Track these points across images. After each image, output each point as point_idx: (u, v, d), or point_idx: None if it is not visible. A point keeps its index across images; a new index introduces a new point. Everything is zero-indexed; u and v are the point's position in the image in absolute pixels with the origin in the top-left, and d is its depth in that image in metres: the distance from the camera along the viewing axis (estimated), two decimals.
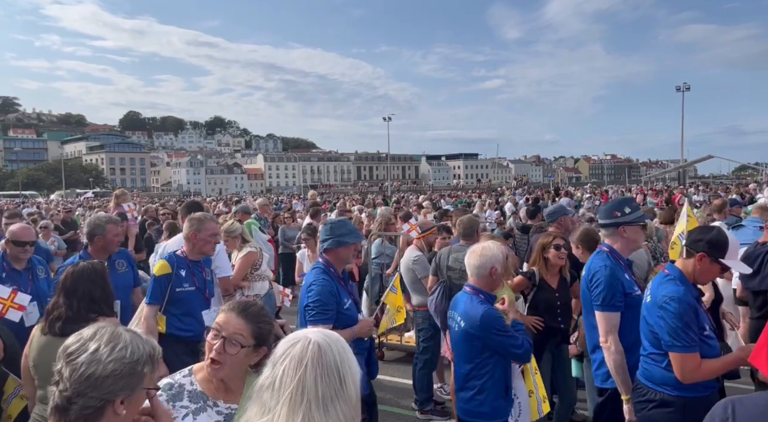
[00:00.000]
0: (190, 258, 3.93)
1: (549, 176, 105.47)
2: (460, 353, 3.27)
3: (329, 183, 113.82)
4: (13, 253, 4.17)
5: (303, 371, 1.26)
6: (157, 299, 3.75)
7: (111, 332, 1.44)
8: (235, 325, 1.93)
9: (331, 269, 3.48)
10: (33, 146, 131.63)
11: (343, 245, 3.48)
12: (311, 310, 3.31)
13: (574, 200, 20.67)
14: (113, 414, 1.38)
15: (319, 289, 3.34)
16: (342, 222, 3.70)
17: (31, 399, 2.74)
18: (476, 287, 3.22)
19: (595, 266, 3.23)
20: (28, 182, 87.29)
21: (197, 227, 3.91)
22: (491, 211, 15.98)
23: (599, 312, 3.14)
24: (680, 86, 54.03)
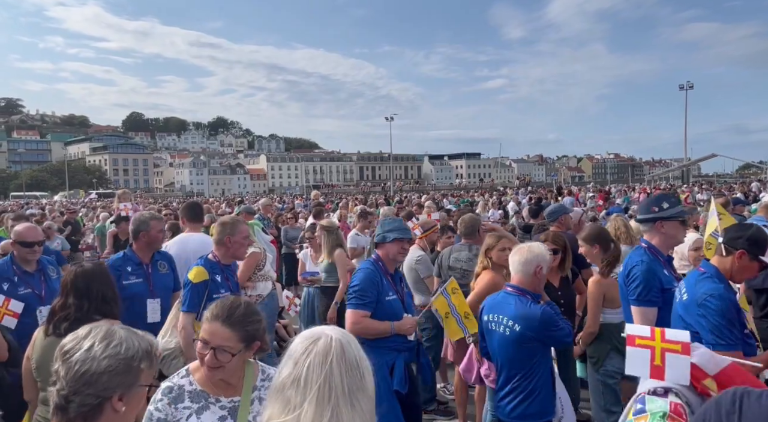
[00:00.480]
0: (222, 263, 3.86)
1: (552, 176, 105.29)
2: (508, 357, 3.20)
3: (332, 183, 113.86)
4: (21, 254, 4.05)
5: (329, 367, 1.26)
6: (195, 306, 3.64)
7: (106, 329, 1.44)
8: (222, 335, 1.93)
9: (379, 262, 3.56)
10: (36, 148, 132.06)
11: (387, 240, 3.56)
12: (351, 295, 3.43)
13: (577, 199, 20.61)
14: (112, 411, 1.38)
15: (361, 276, 3.46)
16: (391, 219, 3.76)
17: (32, 402, 2.73)
18: (520, 287, 3.18)
19: (632, 261, 3.20)
20: (31, 184, 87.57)
21: (231, 230, 3.85)
22: (494, 210, 15.97)
23: (635, 307, 3.11)
24: (683, 85, 53.88)
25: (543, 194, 23.08)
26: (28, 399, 2.76)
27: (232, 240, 3.84)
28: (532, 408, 3.13)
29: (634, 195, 25.35)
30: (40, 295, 3.95)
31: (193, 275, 3.69)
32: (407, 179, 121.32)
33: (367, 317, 3.38)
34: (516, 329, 3.09)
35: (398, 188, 67.92)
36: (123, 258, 4.10)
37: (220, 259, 3.85)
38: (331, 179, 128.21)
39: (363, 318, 3.38)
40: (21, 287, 3.90)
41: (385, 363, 3.38)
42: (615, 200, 22.03)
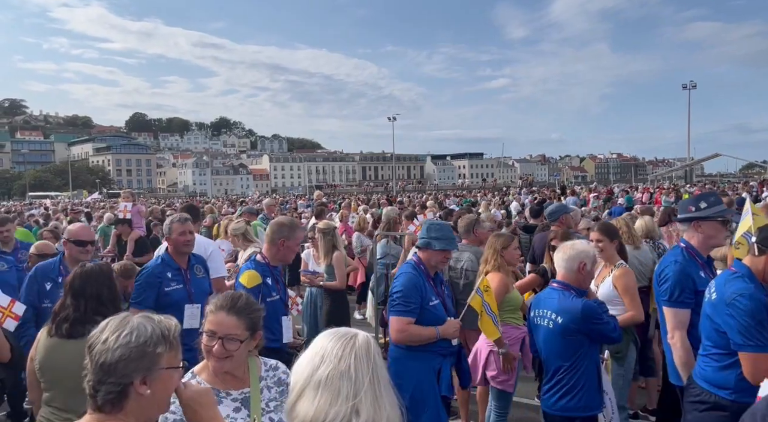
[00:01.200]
0: (272, 264, 3.75)
1: (555, 175, 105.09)
2: (552, 350, 3.20)
3: (334, 183, 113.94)
4: (73, 254, 3.92)
5: (374, 361, 1.40)
6: None
7: (119, 320, 1.52)
8: (228, 324, 2.00)
9: (421, 266, 3.45)
10: (40, 148, 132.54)
11: (432, 248, 3.43)
12: (394, 301, 3.32)
13: (580, 199, 20.61)
14: (137, 395, 1.47)
15: (404, 280, 3.32)
16: (441, 225, 3.61)
17: (36, 403, 2.73)
18: (565, 282, 3.20)
19: (665, 261, 3.15)
20: (35, 184, 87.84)
21: (288, 234, 3.73)
22: (496, 210, 15.98)
23: (666, 308, 3.06)
24: (686, 84, 53.81)
25: (546, 195, 23.09)
26: (33, 400, 2.77)
27: (285, 244, 3.72)
28: (577, 402, 3.11)
29: (637, 195, 25.31)
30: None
31: (246, 280, 3.55)
32: (410, 179, 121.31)
33: (412, 323, 3.28)
34: (558, 321, 3.09)
35: (401, 188, 67.94)
36: (162, 264, 3.92)
37: (270, 260, 3.73)
38: (333, 179, 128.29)
39: (408, 325, 3.28)
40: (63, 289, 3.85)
41: (432, 369, 3.33)
42: (617, 199, 21.99)
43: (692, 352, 2.94)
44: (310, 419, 1.32)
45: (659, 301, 3.21)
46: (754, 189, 16.63)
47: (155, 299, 3.76)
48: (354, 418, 1.31)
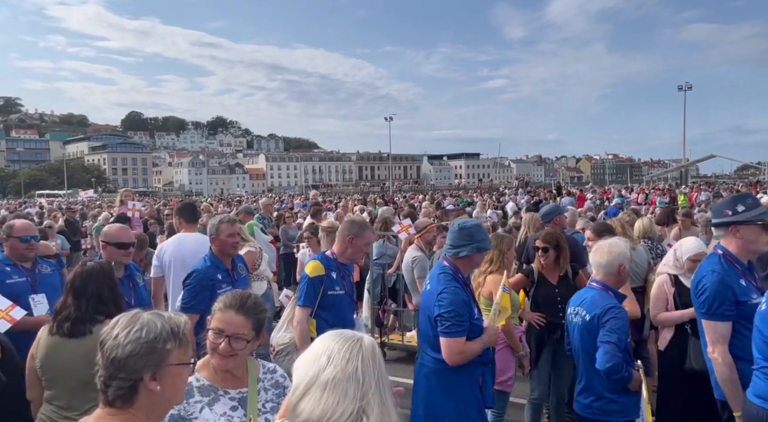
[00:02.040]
0: (340, 261, 3.73)
1: (551, 176, 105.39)
2: (583, 346, 3.14)
3: (331, 183, 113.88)
4: (114, 257, 3.71)
5: (378, 363, 1.41)
6: (311, 301, 3.51)
7: (130, 316, 1.55)
8: (237, 323, 2.02)
9: (459, 275, 3.21)
10: (35, 147, 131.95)
11: (482, 251, 3.25)
12: (446, 321, 3.05)
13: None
14: (147, 391, 1.49)
15: (452, 298, 3.08)
16: (478, 226, 3.35)
17: (36, 401, 2.73)
18: (605, 283, 3.15)
19: (702, 271, 2.98)
20: (30, 183, 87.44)
21: (357, 232, 3.69)
22: (492, 211, 16.01)
23: (705, 321, 2.91)
24: (682, 85, 53.98)
25: (543, 195, 23.16)
26: (31, 398, 2.76)
27: (354, 242, 3.68)
28: (614, 406, 3.02)
29: (633, 195, 25.40)
30: (130, 303, 3.60)
31: (309, 270, 3.58)
32: (406, 179, 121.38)
33: (465, 341, 3.10)
34: (587, 319, 3.07)
35: (397, 188, 67.95)
36: (212, 266, 3.82)
37: (338, 257, 3.72)
38: (330, 178, 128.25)
39: (465, 345, 3.09)
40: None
41: (476, 380, 3.21)
42: (613, 199, 22.06)
43: (734, 367, 2.80)
44: (316, 417, 1.33)
45: (698, 313, 3.05)
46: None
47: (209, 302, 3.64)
48: (364, 419, 1.33)
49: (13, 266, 3.87)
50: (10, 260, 3.89)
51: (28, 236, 3.95)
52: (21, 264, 3.88)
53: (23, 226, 4.01)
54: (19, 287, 3.73)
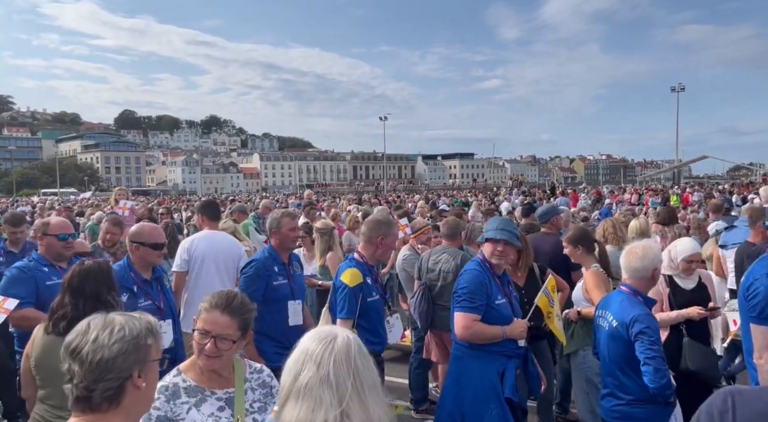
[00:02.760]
0: (369, 263, 3.63)
1: (544, 176, 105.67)
2: (609, 352, 3.08)
3: (325, 182, 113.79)
4: (148, 258, 3.49)
5: (354, 363, 1.36)
6: (353, 312, 3.41)
7: (103, 318, 1.53)
8: (222, 324, 2.02)
9: (486, 263, 3.33)
10: (27, 145, 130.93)
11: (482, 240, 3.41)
12: (459, 297, 3.22)
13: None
14: (134, 389, 1.49)
15: (469, 277, 3.23)
16: (499, 219, 3.54)
17: (30, 400, 2.73)
18: (635, 288, 3.07)
19: (754, 274, 2.87)
20: (22, 181, 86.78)
21: (385, 230, 3.59)
22: None
23: (754, 325, 2.79)
24: (675, 87, 54.31)
25: (538, 195, 23.25)
26: (26, 397, 2.76)
27: (384, 241, 3.58)
28: (635, 412, 2.97)
29: (626, 196, 25.52)
30: (160, 307, 3.47)
31: (348, 279, 3.45)
32: (401, 179, 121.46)
33: (478, 321, 3.18)
34: (614, 325, 3.01)
35: (392, 188, 67.99)
36: (270, 258, 3.85)
37: (368, 259, 3.61)
38: (324, 178, 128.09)
39: (474, 321, 3.16)
40: (141, 299, 3.41)
41: (495, 369, 3.21)
42: (605, 200, 22.16)
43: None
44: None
45: (745, 317, 2.94)
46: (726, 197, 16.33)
47: (263, 292, 3.72)
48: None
49: (50, 266, 3.64)
50: (47, 259, 3.65)
51: (65, 234, 3.72)
52: (58, 264, 3.66)
53: (60, 223, 3.78)
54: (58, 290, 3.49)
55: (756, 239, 4.96)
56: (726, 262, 5.85)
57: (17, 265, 3.58)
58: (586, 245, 4.20)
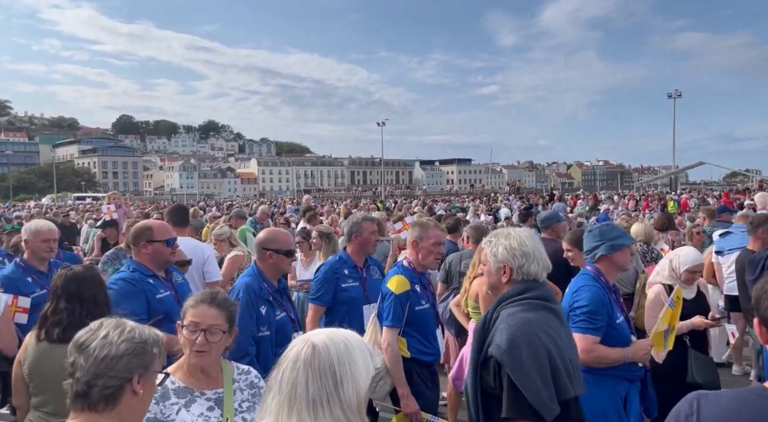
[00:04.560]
0: (418, 270, 3.48)
1: (542, 182, 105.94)
2: None
3: (323, 188, 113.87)
4: (281, 266, 3.34)
5: (296, 373, 1.28)
6: (399, 320, 3.29)
7: (116, 320, 1.58)
8: (210, 316, 2.08)
9: (602, 278, 3.07)
10: (24, 150, 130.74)
11: (618, 249, 3.08)
12: (577, 317, 2.94)
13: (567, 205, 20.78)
14: (132, 394, 1.49)
15: (589, 295, 2.95)
16: (609, 226, 3.29)
17: (23, 408, 2.69)
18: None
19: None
20: (19, 186, 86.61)
21: (420, 234, 3.44)
22: (485, 216, 16.08)
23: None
24: (671, 93, 54.53)
25: (535, 201, 23.29)
26: (18, 405, 2.73)
27: (420, 245, 3.45)
28: None
29: (624, 202, 25.58)
30: (292, 318, 3.36)
31: (395, 286, 3.34)
32: (398, 185, 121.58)
33: (598, 343, 2.92)
34: None
35: (389, 193, 67.99)
36: (340, 261, 3.89)
37: (416, 266, 3.49)
38: (322, 183, 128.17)
39: (595, 344, 2.91)
40: (278, 310, 3.23)
41: (618, 395, 2.97)
42: (602, 206, 22.20)
43: None
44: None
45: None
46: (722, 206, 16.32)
47: (333, 295, 3.79)
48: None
49: (155, 277, 3.26)
50: (150, 269, 3.26)
51: (171, 239, 3.35)
52: (160, 275, 3.31)
53: (163, 227, 3.42)
54: (168, 303, 3.14)
55: (755, 247, 4.95)
56: (720, 268, 5.85)
57: (123, 276, 3.19)
58: (578, 246, 4.20)
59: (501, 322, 2.15)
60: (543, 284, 2.33)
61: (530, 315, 2.15)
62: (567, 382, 2.08)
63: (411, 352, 3.38)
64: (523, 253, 2.26)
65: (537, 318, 2.16)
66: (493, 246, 2.35)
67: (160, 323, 2.79)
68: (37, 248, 3.91)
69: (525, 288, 2.24)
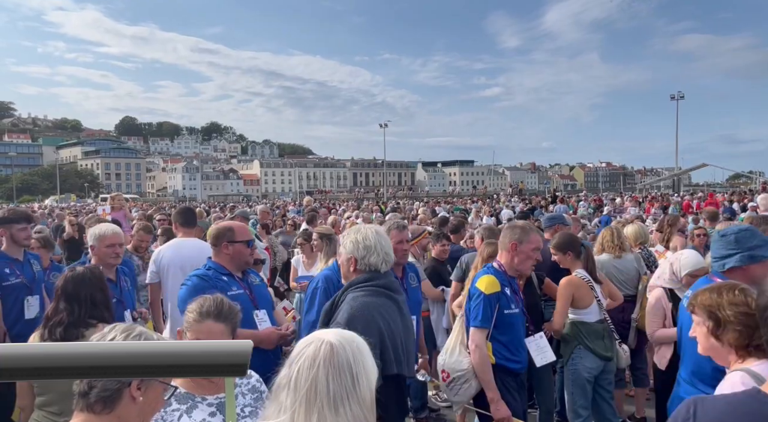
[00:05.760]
0: (509, 274, 3.36)
1: (545, 184, 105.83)
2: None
3: (325, 189, 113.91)
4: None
5: (316, 371, 1.28)
6: (488, 321, 3.17)
7: (127, 325, 1.61)
8: (216, 331, 2.05)
9: None
10: (28, 151, 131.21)
11: (757, 260, 2.67)
12: None
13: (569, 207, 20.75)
14: (130, 399, 1.50)
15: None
16: (749, 231, 2.78)
17: (27, 408, 2.72)
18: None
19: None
20: (22, 188, 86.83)
21: (520, 237, 3.29)
22: (487, 217, 16.07)
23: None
24: (674, 95, 54.46)
25: (537, 202, 23.26)
26: (22, 406, 2.75)
27: (518, 249, 3.30)
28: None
29: (626, 203, 25.50)
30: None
31: (484, 286, 3.22)
32: (401, 186, 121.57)
33: None
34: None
35: (392, 195, 67.98)
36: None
37: (506, 269, 3.35)
38: (324, 185, 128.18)
39: None
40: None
41: None
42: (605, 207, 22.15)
43: None
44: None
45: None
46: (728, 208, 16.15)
47: None
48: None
49: (229, 275, 3.29)
50: (227, 269, 3.30)
51: (251, 240, 3.42)
52: (236, 275, 3.34)
53: (244, 229, 3.45)
54: (242, 301, 3.10)
55: None
56: None
57: (198, 274, 3.28)
58: (574, 250, 4.21)
59: (345, 304, 2.46)
60: (387, 274, 2.61)
61: (370, 300, 2.45)
62: (392, 360, 2.41)
63: (496, 358, 3.26)
64: (365, 246, 2.55)
65: (376, 302, 2.45)
66: (344, 240, 2.66)
67: None
68: (103, 253, 3.79)
69: (369, 277, 2.53)
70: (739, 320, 1.92)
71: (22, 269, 4.14)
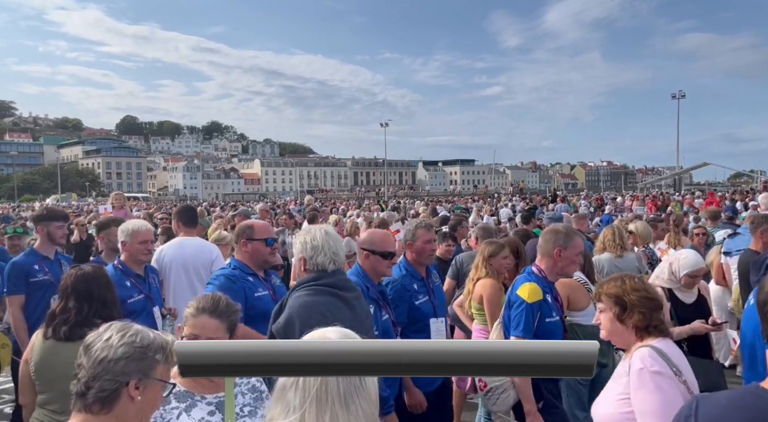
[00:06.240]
0: (549, 279, 3.25)
1: (546, 183, 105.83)
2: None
3: (326, 188, 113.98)
4: (379, 269, 3.18)
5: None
6: (531, 331, 3.08)
7: (123, 324, 1.60)
8: (211, 327, 2.05)
9: None
10: (29, 150, 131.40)
11: None
12: None
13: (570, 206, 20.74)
14: (128, 398, 1.49)
15: None
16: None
17: (29, 406, 2.72)
18: None
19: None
20: (23, 187, 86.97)
21: (564, 241, 3.18)
22: (488, 217, 16.07)
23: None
24: (675, 94, 54.41)
25: (538, 201, 23.26)
26: (24, 403, 2.75)
27: (563, 254, 3.18)
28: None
29: (627, 202, 25.49)
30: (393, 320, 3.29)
31: (527, 294, 3.12)
32: (401, 185, 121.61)
33: None
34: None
35: (392, 194, 68.00)
36: (408, 276, 3.57)
37: (547, 275, 3.24)
38: (325, 184, 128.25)
39: None
40: (383, 312, 3.20)
41: None
42: (607, 207, 22.15)
43: None
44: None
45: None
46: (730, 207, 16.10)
47: (407, 314, 3.47)
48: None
49: (254, 275, 3.25)
50: (250, 268, 3.25)
51: (272, 239, 3.37)
52: (259, 274, 3.29)
53: (264, 226, 3.43)
54: (267, 302, 3.13)
55: (757, 247, 4.94)
56: (729, 269, 5.82)
57: (224, 273, 3.23)
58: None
59: (287, 305, 2.52)
60: (335, 273, 2.61)
61: (312, 299, 2.48)
62: None
63: None
64: (312, 247, 2.59)
65: (318, 301, 2.48)
66: (295, 241, 2.73)
67: (256, 322, 2.98)
68: (136, 250, 3.75)
69: (316, 277, 2.57)
70: (642, 303, 2.19)
71: (51, 268, 4.19)
